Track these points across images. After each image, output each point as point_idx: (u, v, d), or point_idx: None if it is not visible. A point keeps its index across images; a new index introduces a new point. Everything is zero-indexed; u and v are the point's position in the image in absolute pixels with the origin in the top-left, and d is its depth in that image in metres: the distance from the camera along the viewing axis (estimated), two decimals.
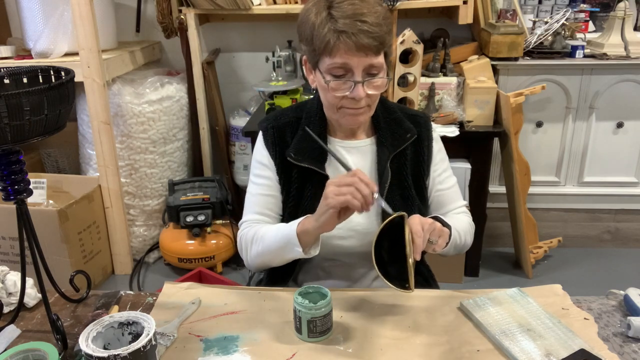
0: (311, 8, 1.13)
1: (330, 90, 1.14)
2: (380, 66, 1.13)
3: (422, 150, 1.28)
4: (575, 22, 2.72)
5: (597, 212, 2.77)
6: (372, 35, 1.07)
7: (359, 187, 1.01)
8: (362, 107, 1.16)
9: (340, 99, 1.14)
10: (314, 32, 1.11)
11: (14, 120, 0.85)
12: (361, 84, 1.11)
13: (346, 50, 1.08)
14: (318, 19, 1.10)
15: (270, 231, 1.19)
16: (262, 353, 0.98)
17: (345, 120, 1.19)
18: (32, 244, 1.01)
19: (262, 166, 1.28)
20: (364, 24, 1.07)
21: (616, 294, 1.13)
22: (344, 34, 1.07)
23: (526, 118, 2.54)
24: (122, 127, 2.65)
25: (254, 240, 1.21)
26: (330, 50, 1.09)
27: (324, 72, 1.13)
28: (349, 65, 1.10)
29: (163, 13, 2.78)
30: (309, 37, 1.13)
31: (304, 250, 1.11)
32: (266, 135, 1.27)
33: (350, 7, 1.09)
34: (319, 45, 1.11)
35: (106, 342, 0.89)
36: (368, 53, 1.09)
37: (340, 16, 1.08)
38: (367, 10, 1.09)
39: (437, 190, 1.31)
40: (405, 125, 1.26)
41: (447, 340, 1.01)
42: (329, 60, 1.11)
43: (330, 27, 1.08)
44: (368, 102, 1.16)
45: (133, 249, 2.82)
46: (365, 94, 1.13)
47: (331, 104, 1.17)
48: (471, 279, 2.60)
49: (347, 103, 1.15)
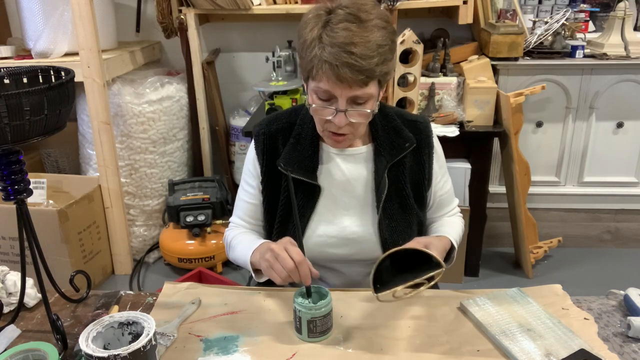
0: (310, 20, 1.09)
1: (313, 112, 1.13)
2: (367, 96, 1.08)
3: (423, 159, 1.26)
4: (575, 22, 2.72)
5: (597, 212, 2.77)
6: (357, 68, 1.02)
7: (285, 264, 1.02)
8: (345, 135, 1.14)
9: (324, 122, 1.13)
10: (302, 51, 1.09)
11: (14, 120, 0.85)
12: (343, 113, 1.08)
13: (328, 80, 1.05)
14: (309, 38, 1.07)
15: (239, 244, 1.25)
16: (262, 353, 0.98)
17: (329, 142, 1.19)
18: (32, 244, 1.01)
19: (249, 173, 1.29)
20: (351, 56, 1.01)
21: (616, 294, 1.13)
22: (327, 64, 1.03)
23: (526, 118, 2.54)
24: (122, 127, 2.65)
25: (230, 246, 1.30)
26: (314, 75, 1.07)
27: (310, 92, 1.12)
28: (332, 93, 1.08)
29: (163, 13, 2.77)
30: (300, 51, 1.12)
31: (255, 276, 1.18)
32: (257, 142, 1.27)
33: (342, 34, 1.03)
34: (305, 66, 1.10)
35: (106, 342, 0.89)
36: (352, 85, 1.05)
37: (329, 43, 1.03)
38: (360, 39, 1.03)
39: (437, 196, 1.32)
40: (404, 134, 1.24)
41: (447, 340, 1.01)
42: (314, 83, 1.09)
43: (317, 53, 1.05)
44: (350, 130, 1.13)
45: (133, 249, 2.82)
46: (347, 122, 1.10)
47: (317, 122, 1.17)
48: (471, 279, 2.60)
49: (330, 126, 1.14)
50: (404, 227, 1.23)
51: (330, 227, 1.22)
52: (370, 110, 1.11)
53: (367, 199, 1.23)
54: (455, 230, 1.29)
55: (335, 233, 1.22)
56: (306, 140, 1.22)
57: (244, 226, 1.33)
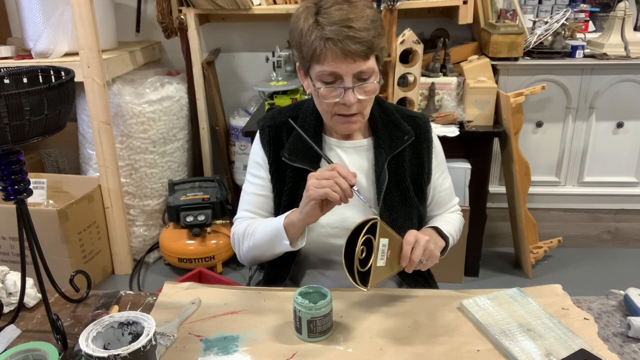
0: (300, 14, 1.13)
1: (320, 97, 1.14)
2: (370, 71, 1.12)
3: (422, 153, 1.28)
4: (575, 22, 2.72)
5: (597, 212, 2.77)
6: (359, 40, 1.07)
7: (338, 181, 1.03)
8: (355, 114, 1.16)
9: (333, 105, 1.15)
10: (302, 40, 1.11)
11: (14, 120, 0.85)
12: (351, 90, 1.11)
13: (333, 57, 1.08)
14: (306, 26, 1.10)
15: (259, 226, 1.22)
16: (262, 353, 0.98)
17: (340, 127, 1.20)
18: (32, 244, 1.01)
19: (257, 165, 1.29)
20: (351, 30, 1.06)
21: (616, 294, 1.13)
22: (330, 41, 1.07)
23: (526, 118, 2.54)
24: (122, 127, 2.65)
25: (245, 235, 1.24)
26: (318, 57, 1.09)
27: (315, 79, 1.14)
28: (337, 72, 1.10)
29: (163, 13, 2.77)
30: (298, 44, 1.13)
31: (291, 242, 1.14)
32: (262, 134, 1.29)
33: (337, 13, 1.08)
34: (307, 53, 1.11)
35: (106, 342, 0.89)
36: (356, 59, 1.08)
37: (327, 23, 1.07)
38: (355, 15, 1.08)
39: (437, 192, 1.33)
40: (403, 127, 1.26)
41: (447, 340, 1.01)
42: (319, 67, 1.11)
43: (317, 35, 1.08)
44: (360, 108, 1.15)
45: (133, 249, 2.82)
46: (356, 100, 1.12)
47: (325, 111, 1.18)
48: (471, 279, 2.60)
49: (339, 110, 1.15)
50: (405, 219, 1.25)
51: (333, 217, 1.23)
52: (376, 82, 1.14)
53: (368, 190, 1.25)
54: (450, 223, 1.31)
55: (337, 224, 1.23)
56: (309, 132, 1.24)
57: (255, 219, 1.31)
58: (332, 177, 1.04)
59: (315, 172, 1.07)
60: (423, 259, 1.08)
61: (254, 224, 1.24)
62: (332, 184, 1.03)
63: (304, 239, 1.16)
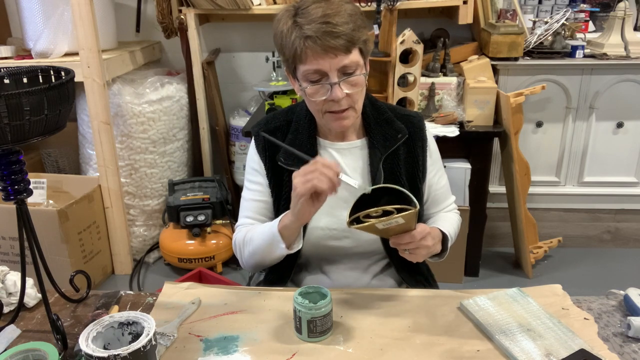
0: (280, 18, 1.14)
1: (308, 96, 1.15)
2: (354, 64, 1.12)
3: (416, 151, 1.28)
4: (575, 22, 2.72)
5: (597, 212, 2.77)
6: (337, 34, 1.07)
7: (323, 171, 1.03)
8: (346, 109, 1.15)
9: (322, 103, 1.15)
10: (283, 42, 1.12)
11: (14, 120, 0.85)
12: (337, 85, 1.11)
13: (315, 55, 1.08)
14: (285, 28, 1.11)
15: (257, 231, 1.22)
16: (262, 353, 0.98)
17: (332, 125, 1.19)
18: (32, 244, 1.01)
19: (254, 171, 1.30)
20: (329, 25, 1.06)
21: (616, 294, 1.13)
22: (309, 39, 1.07)
23: (526, 118, 2.54)
24: (122, 127, 2.65)
25: (245, 242, 1.24)
26: (300, 57, 1.10)
27: (301, 80, 1.14)
28: (321, 69, 1.10)
29: (163, 13, 2.77)
30: (280, 47, 1.14)
31: (287, 246, 1.14)
32: (257, 141, 1.29)
33: (315, 11, 1.08)
34: (289, 54, 1.12)
35: (106, 342, 0.89)
36: (337, 54, 1.08)
37: (305, 22, 1.08)
38: (332, 10, 1.08)
39: (432, 191, 1.33)
40: (396, 125, 1.26)
41: (447, 340, 1.01)
42: (302, 67, 1.12)
43: (297, 34, 1.08)
44: (350, 102, 1.15)
45: (133, 249, 2.82)
46: (344, 95, 1.12)
47: (316, 110, 1.18)
48: (471, 279, 2.60)
49: (329, 107, 1.15)
50: None
51: (332, 219, 1.23)
52: (361, 74, 1.14)
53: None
54: (449, 222, 1.30)
55: (335, 225, 1.23)
56: (303, 135, 1.24)
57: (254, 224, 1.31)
58: (316, 169, 1.03)
59: (299, 170, 1.07)
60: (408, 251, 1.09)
61: (252, 230, 1.24)
62: (318, 175, 1.03)
63: (301, 241, 1.16)
